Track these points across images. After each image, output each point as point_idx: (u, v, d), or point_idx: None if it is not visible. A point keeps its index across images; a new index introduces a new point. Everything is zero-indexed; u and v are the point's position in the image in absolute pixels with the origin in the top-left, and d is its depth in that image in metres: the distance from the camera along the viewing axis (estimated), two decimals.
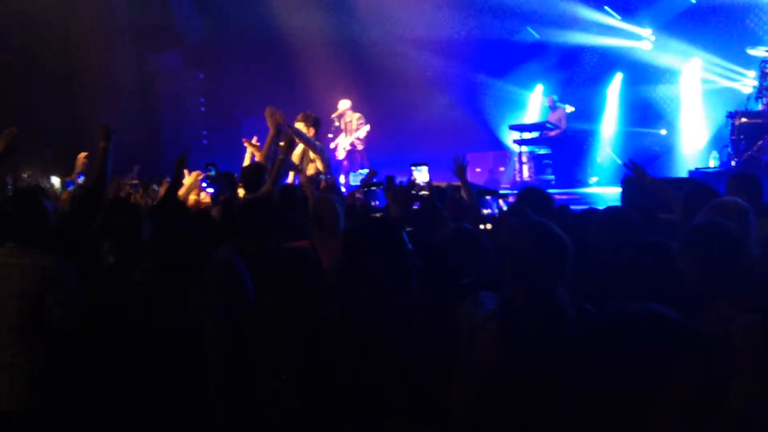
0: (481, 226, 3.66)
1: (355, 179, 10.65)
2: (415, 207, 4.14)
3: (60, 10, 11.31)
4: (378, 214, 3.47)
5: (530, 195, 3.90)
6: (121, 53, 12.76)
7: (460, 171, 4.52)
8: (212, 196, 5.50)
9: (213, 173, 5.28)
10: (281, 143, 5.43)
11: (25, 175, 6.50)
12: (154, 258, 2.91)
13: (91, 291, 3.13)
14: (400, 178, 4.97)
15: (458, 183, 4.75)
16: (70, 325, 3.00)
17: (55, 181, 6.77)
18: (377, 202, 3.47)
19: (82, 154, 7.08)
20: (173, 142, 12.53)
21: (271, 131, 6.30)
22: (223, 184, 5.26)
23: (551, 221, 2.38)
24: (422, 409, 2.10)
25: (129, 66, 12.93)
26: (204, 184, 5.76)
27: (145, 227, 3.41)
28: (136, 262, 3.15)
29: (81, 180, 5.54)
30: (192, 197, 5.87)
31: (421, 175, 3.79)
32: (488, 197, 3.69)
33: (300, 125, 7.54)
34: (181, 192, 5.55)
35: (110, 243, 3.42)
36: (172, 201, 4.29)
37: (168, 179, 5.51)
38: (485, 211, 3.84)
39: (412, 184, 3.80)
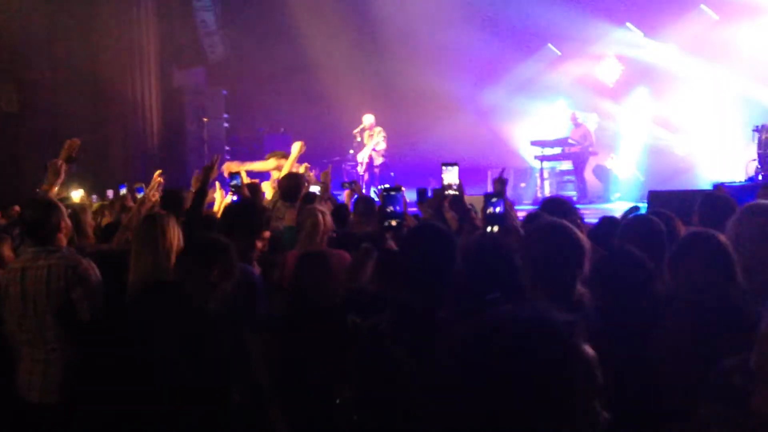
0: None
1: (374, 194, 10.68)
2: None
3: (88, 28, 11.54)
4: (394, 221, 3.46)
5: (552, 204, 3.91)
6: (146, 70, 12.95)
7: (500, 183, 4.51)
8: None
9: (237, 182, 5.29)
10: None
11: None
12: (183, 261, 2.94)
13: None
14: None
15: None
16: (96, 320, 3.13)
17: (76, 195, 6.83)
18: (398, 207, 3.45)
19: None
20: (197, 157, 12.66)
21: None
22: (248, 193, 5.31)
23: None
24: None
25: (154, 83, 13.11)
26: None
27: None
28: None
29: (141, 194, 5.59)
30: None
31: (451, 175, 3.76)
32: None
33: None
34: (216, 208, 5.63)
35: None
36: (199, 211, 4.29)
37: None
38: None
39: (445, 187, 3.79)
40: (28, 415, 3.19)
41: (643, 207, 5.74)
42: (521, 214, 4.55)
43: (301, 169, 6.86)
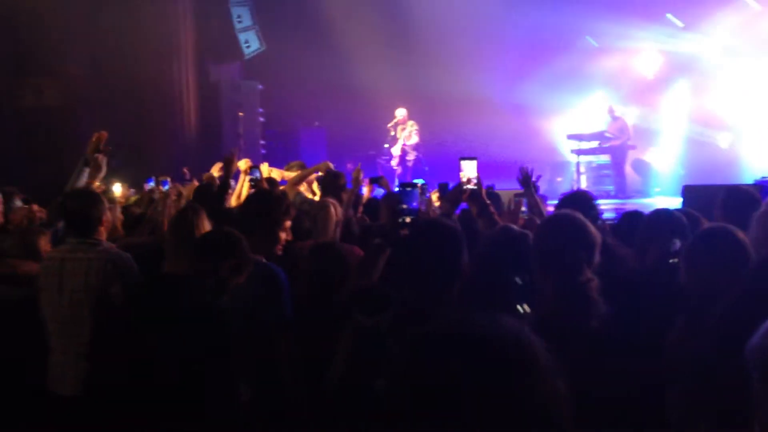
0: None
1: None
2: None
3: (127, 23, 11.69)
4: (408, 218, 3.43)
5: (569, 199, 3.88)
6: (184, 65, 13.10)
7: (526, 180, 4.47)
8: None
9: (258, 176, 5.22)
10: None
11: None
12: (206, 257, 2.95)
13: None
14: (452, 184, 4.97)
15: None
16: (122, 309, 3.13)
17: (117, 188, 6.95)
18: (413, 204, 3.43)
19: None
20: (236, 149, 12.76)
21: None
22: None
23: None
24: None
25: (192, 78, 13.26)
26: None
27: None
28: None
29: (166, 187, 5.66)
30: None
31: (470, 169, 3.71)
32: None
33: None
34: (233, 201, 5.67)
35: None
36: (221, 205, 4.33)
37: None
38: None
39: (463, 182, 3.74)
40: (59, 408, 3.20)
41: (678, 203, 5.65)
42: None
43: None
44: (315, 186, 6.14)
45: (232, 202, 5.54)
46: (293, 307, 3.19)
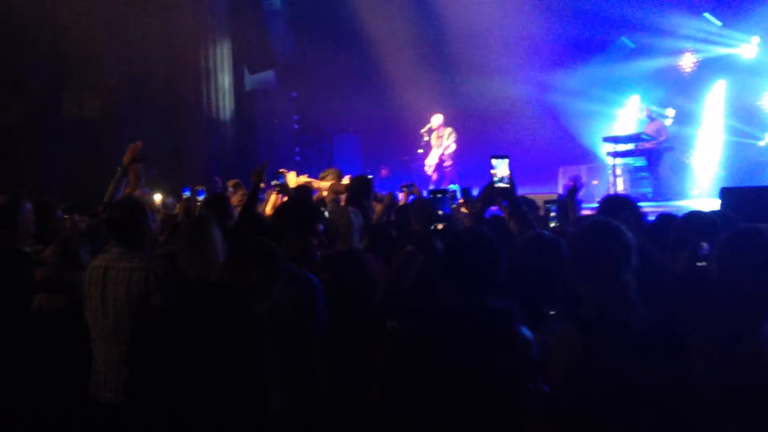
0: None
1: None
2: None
3: (163, 35, 11.90)
4: (440, 225, 3.40)
5: (607, 203, 3.84)
6: (220, 75, 13.26)
7: (573, 191, 4.44)
8: None
9: (281, 182, 5.20)
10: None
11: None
12: (229, 263, 2.98)
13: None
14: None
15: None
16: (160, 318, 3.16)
17: (157, 197, 7.09)
18: (446, 210, 3.40)
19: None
20: (268, 160, 12.87)
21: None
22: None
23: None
24: None
25: (228, 87, 13.41)
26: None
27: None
28: None
29: (201, 197, 5.74)
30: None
31: (502, 168, 3.64)
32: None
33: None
34: (267, 209, 5.72)
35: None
36: (250, 215, 4.37)
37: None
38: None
39: (495, 180, 3.66)
40: (101, 416, 3.25)
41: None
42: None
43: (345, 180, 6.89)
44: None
45: (267, 210, 5.60)
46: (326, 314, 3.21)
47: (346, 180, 6.82)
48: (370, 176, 6.13)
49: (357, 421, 2.49)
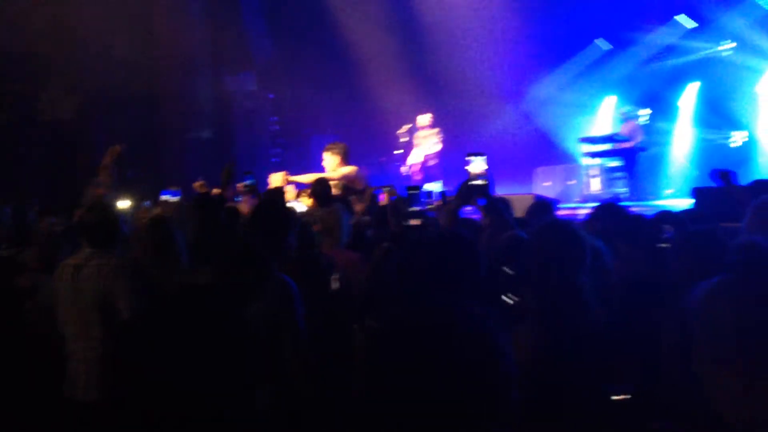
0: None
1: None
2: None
3: (142, 36, 11.84)
4: (417, 221, 3.40)
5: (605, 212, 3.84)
6: (199, 76, 13.21)
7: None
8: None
9: (251, 182, 5.18)
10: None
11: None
12: (213, 265, 3.00)
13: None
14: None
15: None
16: (137, 320, 3.19)
17: (125, 203, 6.93)
18: (420, 206, 3.41)
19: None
20: (246, 161, 12.88)
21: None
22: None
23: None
24: None
25: (206, 88, 13.37)
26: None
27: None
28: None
29: (177, 198, 5.71)
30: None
31: (478, 165, 3.60)
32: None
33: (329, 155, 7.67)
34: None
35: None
36: (222, 210, 4.38)
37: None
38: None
39: (471, 177, 3.63)
40: (75, 414, 3.28)
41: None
42: (568, 213, 4.53)
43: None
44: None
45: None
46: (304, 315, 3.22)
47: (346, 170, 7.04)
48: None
49: (337, 420, 2.52)
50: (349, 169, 7.49)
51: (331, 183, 6.87)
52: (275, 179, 6.50)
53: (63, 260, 3.68)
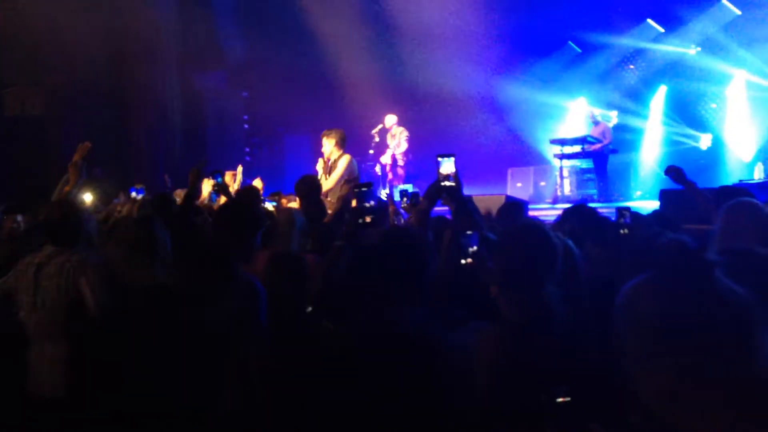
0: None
1: (397, 194, 10.70)
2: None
3: (110, 33, 11.68)
4: (368, 218, 3.36)
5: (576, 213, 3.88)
6: (168, 74, 13.09)
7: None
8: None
9: (219, 180, 5.14)
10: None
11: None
12: (180, 264, 2.97)
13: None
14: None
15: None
16: (103, 316, 3.14)
17: (88, 198, 6.82)
18: (372, 203, 3.39)
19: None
20: (218, 159, 12.78)
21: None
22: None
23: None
24: None
25: (176, 85, 13.25)
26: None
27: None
28: None
29: (141, 195, 5.64)
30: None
31: (448, 166, 3.60)
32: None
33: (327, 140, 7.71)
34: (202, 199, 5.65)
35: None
36: (190, 210, 4.32)
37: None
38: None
39: (441, 178, 3.63)
40: (38, 411, 3.23)
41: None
42: (539, 213, 4.54)
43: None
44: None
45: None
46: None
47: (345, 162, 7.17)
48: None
49: (301, 421, 2.50)
50: (342, 168, 7.51)
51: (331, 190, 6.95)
52: (257, 184, 6.43)
53: (25, 258, 3.63)
